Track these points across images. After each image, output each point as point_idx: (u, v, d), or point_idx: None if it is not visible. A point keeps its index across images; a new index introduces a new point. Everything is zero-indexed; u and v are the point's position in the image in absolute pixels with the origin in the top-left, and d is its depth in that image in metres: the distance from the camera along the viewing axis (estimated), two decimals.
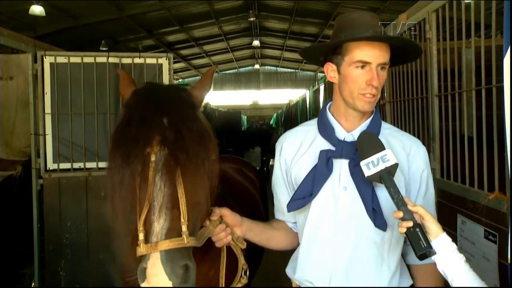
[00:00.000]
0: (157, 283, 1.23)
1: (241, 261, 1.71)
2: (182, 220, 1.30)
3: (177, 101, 1.48)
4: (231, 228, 1.61)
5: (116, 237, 1.41)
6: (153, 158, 1.33)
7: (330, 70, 1.61)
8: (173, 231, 1.29)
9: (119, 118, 1.47)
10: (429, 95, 2.87)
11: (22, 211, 4.02)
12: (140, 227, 1.29)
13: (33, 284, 3.99)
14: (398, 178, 1.50)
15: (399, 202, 1.33)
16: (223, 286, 1.70)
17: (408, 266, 1.68)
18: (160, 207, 1.30)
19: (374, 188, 1.50)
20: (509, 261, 1.53)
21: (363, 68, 1.50)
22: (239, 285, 1.72)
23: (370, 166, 1.37)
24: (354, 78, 1.51)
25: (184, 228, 1.30)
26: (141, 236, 1.29)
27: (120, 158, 1.35)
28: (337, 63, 1.57)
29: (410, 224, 1.29)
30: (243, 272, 1.73)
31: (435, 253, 1.30)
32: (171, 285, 1.23)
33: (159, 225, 1.29)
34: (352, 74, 1.51)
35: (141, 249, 1.27)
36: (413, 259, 1.63)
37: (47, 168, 3.86)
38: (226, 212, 1.60)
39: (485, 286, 1.26)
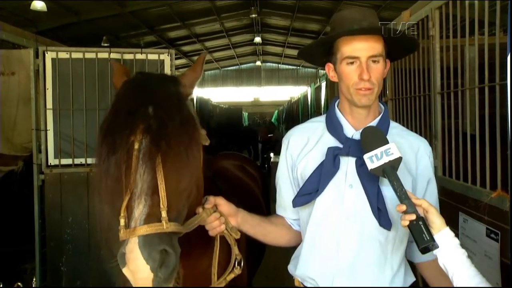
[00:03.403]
0: (136, 267, 1.25)
1: (235, 251, 1.72)
2: (161, 206, 1.32)
3: (163, 90, 1.50)
4: (225, 217, 1.62)
5: (102, 224, 1.43)
6: (136, 146, 1.35)
7: (330, 70, 1.64)
8: (152, 217, 1.31)
9: (109, 108, 1.50)
10: (431, 92, 2.87)
11: (23, 207, 4.03)
12: (121, 213, 1.32)
13: (34, 279, 3.99)
14: (405, 178, 1.49)
15: (402, 195, 1.33)
16: (215, 275, 1.72)
17: (416, 265, 1.67)
18: (140, 193, 1.32)
19: (380, 187, 1.49)
20: (510, 260, 1.53)
21: (353, 63, 1.51)
22: (232, 275, 1.74)
23: (374, 159, 1.37)
24: (347, 74, 1.52)
25: (163, 214, 1.31)
26: (122, 222, 1.31)
27: (106, 147, 1.38)
28: (334, 62, 1.59)
29: (413, 217, 1.29)
30: (236, 262, 1.74)
31: (438, 247, 1.29)
32: (148, 270, 1.24)
33: (138, 211, 1.31)
34: (345, 71, 1.53)
35: (121, 235, 1.30)
36: (420, 256, 1.62)
37: (49, 164, 3.86)
38: (221, 201, 1.62)
39: (486, 282, 1.26)
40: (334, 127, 1.62)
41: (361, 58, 1.49)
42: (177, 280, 1.41)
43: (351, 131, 1.59)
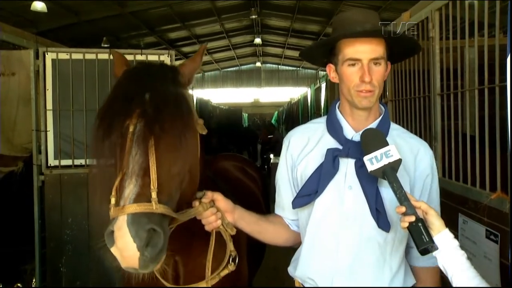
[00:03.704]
0: (123, 244, 1.26)
1: (230, 247, 1.73)
2: (151, 187, 1.34)
3: (162, 78, 1.54)
4: (222, 213, 1.63)
5: (95, 204, 1.46)
6: (131, 129, 1.39)
7: (331, 71, 1.64)
8: (142, 197, 1.33)
9: (108, 95, 1.54)
10: (431, 94, 2.87)
11: (23, 207, 4.03)
12: (113, 193, 1.35)
13: (34, 280, 3.99)
14: (403, 178, 1.49)
15: (402, 197, 1.33)
16: (209, 269, 1.73)
17: (413, 268, 1.66)
18: (131, 174, 1.35)
19: (379, 188, 1.50)
20: (510, 261, 1.53)
21: (355, 65, 1.51)
22: (226, 271, 1.75)
23: (374, 161, 1.37)
24: (348, 76, 1.53)
25: (153, 195, 1.33)
26: (113, 201, 1.34)
27: (102, 130, 1.41)
28: (335, 63, 1.59)
29: (412, 218, 1.29)
30: (230, 259, 1.75)
31: (437, 249, 1.29)
32: (135, 248, 1.25)
33: (129, 190, 1.33)
34: (346, 72, 1.53)
35: (111, 213, 1.32)
36: (415, 260, 1.63)
37: (48, 165, 3.87)
38: (218, 197, 1.63)
39: (485, 283, 1.26)
40: (334, 129, 1.63)
41: (362, 61, 1.49)
42: (166, 263, 1.42)
43: (351, 133, 1.60)
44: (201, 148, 1.65)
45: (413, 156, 1.59)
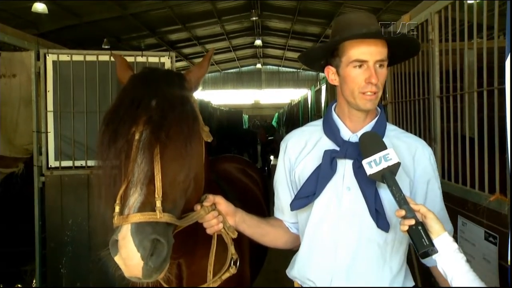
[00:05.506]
0: (126, 253, 1.26)
1: (231, 250, 1.74)
2: (156, 196, 1.33)
3: (168, 84, 1.53)
4: (223, 216, 1.63)
5: (99, 210, 1.45)
6: (137, 137, 1.38)
7: (330, 73, 1.62)
8: (146, 206, 1.32)
9: (114, 101, 1.53)
10: (430, 96, 2.88)
11: (23, 208, 4.04)
12: (117, 201, 1.34)
13: (34, 281, 4.00)
14: (403, 180, 1.50)
15: (401, 200, 1.33)
16: (211, 273, 1.74)
17: (430, 268, 1.67)
18: (136, 182, 1.34)
19: (378, 189, 1.50)
20: (509, 263, 1.53)
21: (361, 67, 1.51)
22: (228, 274, 1.75)
23: (372, 164, 1.37)
24: (353, 78, 1.52)
25: (158, 203, 1.33)
26: (117, 209, 1.33)
27: (107, 136, 1.40)
28: (336, 65, 1.58)
29: (412, 222, 1.30)
30: (232, 262, 1.76)
31: (437, 252, 1.30)
32: (139, 257, 1.25)
33: (133, 199, 1.33)
34: (350, 74, 1.52)
35: (115, 221, 1.31)
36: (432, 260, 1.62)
37: (49, 166, 3.87)
38: (220, 200, 1.63)
39: (485, 286, 1.27)
40: (331, 130, 1.63)
41: (369, 62, 1.49)
42: (169, 271, 1.41)
43: (348, 134, 1.60)
44: (206, 155, 1.65)
45: (411, 156, 1.59)
